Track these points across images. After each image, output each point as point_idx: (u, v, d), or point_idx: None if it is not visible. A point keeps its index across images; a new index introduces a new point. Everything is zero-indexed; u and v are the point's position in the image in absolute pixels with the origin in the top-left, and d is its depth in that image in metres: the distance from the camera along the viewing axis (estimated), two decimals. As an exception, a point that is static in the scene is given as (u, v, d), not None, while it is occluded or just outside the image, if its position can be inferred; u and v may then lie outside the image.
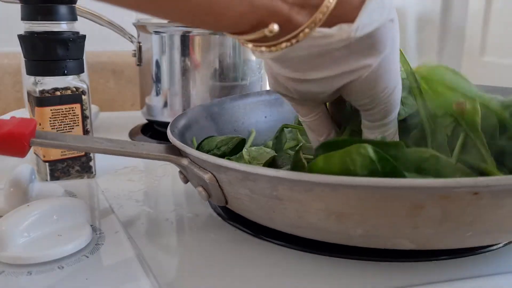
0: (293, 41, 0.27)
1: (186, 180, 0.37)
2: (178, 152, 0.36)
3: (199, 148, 0.42)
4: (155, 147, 0.37)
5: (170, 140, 0.37)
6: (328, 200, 0.27)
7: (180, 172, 0.37)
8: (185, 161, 0.35)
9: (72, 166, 0.45)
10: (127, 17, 0.76)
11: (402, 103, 0.35)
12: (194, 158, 0.34)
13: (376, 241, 0.29)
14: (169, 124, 0.40)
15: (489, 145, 0.33)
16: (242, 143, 0.42)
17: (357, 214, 0.27)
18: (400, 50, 0.33)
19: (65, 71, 0.43)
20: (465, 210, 0.25)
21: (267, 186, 0.29)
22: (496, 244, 0.32)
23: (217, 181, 0.32)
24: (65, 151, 0.45)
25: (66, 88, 0.44)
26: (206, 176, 0.33)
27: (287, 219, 0.30)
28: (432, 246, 0.29)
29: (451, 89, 0.35)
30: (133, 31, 0.66)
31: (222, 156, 0.40)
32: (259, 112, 0.51)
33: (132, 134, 0.67)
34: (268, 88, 0.64)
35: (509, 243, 0.32)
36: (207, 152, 0.41)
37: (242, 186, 0.30)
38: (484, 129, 0.33)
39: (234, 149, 0.41)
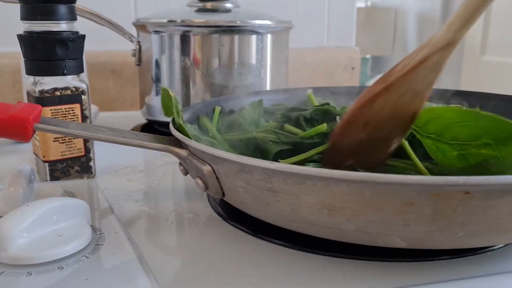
0: None
1: (185, 172, 0.38)
2: (179, 145, 0.37)
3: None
4: (156, 138, 0.38)
5: (171, 131, 0.37)
6: (320, 194, 0.27)
7: (180, 163, 0.38)
8: (184, 153, 0.36)
9: (72, 166, 0.45)
10: (127, 17, 0.76)
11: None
12: (193, 149, 0.34)
13: (368, 238, 0.29)
14: (172, 118, 0.40)
15: None
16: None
17: (349, 209, 0.27)
18: None
19: (65, 71, 0.43)
20: (456, 210, 0.25)
21: (261, 178, 0.29)
22: (496, 244, 0.32)
23: (214, 172, 0.33)
24: (65, 152, 0.44)
25: (66, 88, 0.44)
26: (204, 168, 0.33)
27: (281, 212, 0.30)
28: (424, 246, 0.29)
29: None
30: (133, 31, 0.66)
31: None
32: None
33: (132, 134, 0.67)
34: (268, 88, 0.65)
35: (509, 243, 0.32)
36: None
37: (238, 177, 0.31)
38: None
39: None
